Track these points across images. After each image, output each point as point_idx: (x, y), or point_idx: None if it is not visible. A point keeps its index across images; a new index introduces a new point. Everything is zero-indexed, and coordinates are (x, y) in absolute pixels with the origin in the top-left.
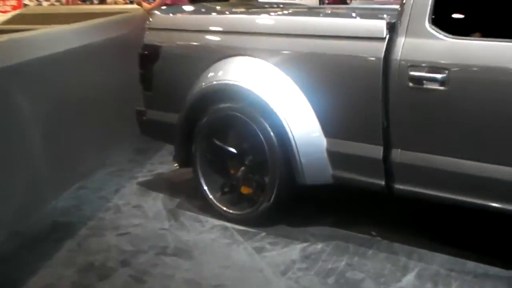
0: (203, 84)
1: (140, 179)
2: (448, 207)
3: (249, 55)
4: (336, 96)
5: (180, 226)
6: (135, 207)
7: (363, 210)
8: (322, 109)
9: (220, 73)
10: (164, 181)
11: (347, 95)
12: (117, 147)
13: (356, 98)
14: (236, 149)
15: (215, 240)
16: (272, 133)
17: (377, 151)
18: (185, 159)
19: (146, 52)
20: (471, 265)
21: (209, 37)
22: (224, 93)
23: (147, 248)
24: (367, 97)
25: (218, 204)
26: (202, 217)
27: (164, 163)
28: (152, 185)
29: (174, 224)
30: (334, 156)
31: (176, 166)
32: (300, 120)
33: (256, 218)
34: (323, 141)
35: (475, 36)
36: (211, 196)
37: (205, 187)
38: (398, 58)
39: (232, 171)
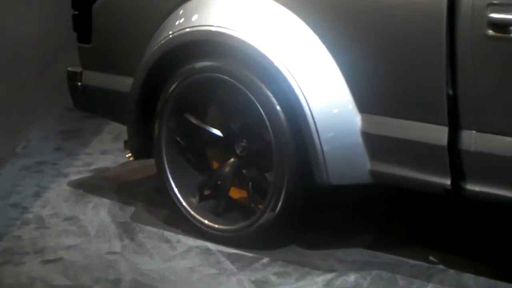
0: (170, 32)
1: (73, 177)
2: None
3: None
4: (377, 51)
5: (139, 249)
6: (68, 220)
7: (415, 224)
8: (355, 71)
9: (195, 16)
10: (110, 180)
11: (394, 50)
12: (36, 128)
13: (408, 54)
14: (222, 131)
15: (193, 269)
16: (278, 107)
17: (439, 134)
18: (143, 147)
19: None
20: None
21: None
22: (203, 45)
23: (90, 281)
24: (424, 53)
25: (195, 214)
26: (171, 235)
27: (109, 152)
28: (92, 187)
29: (129, 246)
30: (374, 142)
31: (130, 157)
32: (321, 86)
33: (255, 236)
34: (356, 119)
35: None
36: (184, 203)
37: (175, 189)
38: None
39: (215, 165)
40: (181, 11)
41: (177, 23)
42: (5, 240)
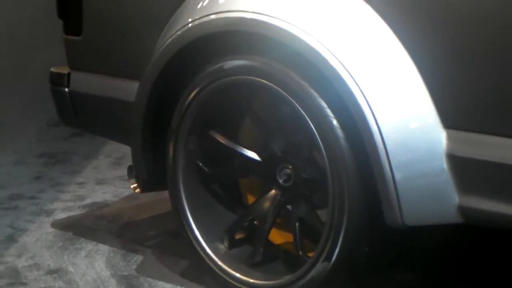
0: (190, 20)
1: (59, 216)
2: None
3: None
4: (473, 42)
5: None
6: (52, 274)
7: None
8: (440, 71)
9: None
10: (109, 219)
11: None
12: (9, 150)
13: None
14: (260, 154)
15: None
16: (334, 121)
17: None
18: (153, 175)
19: None
20: None
21: None
22: (234, 38)
23: None
24: None
25: (223, 266)
26: None
27: (108, 182)
28: (84, 229)
29: None
30: (464, 168)
31: (135, 188)
32: (392, 93)
33: None
34: (439, 138)
35: None
36: (209, 251)
37: (197, 232)
38: None
39: (251, 199)
40: None
41: (198, 7)
42: None
